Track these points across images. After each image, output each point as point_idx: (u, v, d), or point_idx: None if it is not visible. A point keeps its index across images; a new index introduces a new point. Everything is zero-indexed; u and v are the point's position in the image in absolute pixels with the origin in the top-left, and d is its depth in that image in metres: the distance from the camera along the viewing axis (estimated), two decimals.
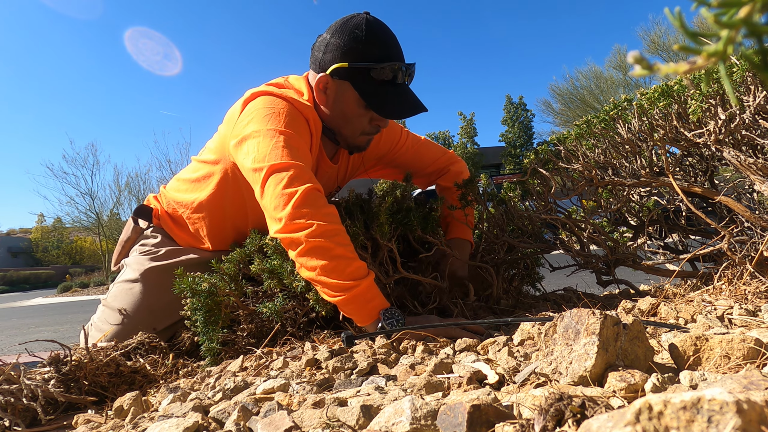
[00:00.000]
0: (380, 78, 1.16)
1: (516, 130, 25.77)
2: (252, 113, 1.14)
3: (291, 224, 0.97)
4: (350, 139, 1.28)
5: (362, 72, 1.16)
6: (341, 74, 1.17)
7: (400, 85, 1.19)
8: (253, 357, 0.97)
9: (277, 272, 1.08)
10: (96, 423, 0.71)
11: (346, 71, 1.16)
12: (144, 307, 1.31)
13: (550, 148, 1.35)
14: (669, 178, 1.05)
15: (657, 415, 0.27)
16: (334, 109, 1.22)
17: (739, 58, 0.95)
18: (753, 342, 0.54)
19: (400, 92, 1.19)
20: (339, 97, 1.20)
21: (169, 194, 1.44)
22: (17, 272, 22.63)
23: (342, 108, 1.21)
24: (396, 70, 1.17)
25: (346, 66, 1.15)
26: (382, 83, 1.17)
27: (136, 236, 1.48)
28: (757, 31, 0.22)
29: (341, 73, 1.17)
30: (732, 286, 0.94)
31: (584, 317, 0.56)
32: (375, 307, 0.98)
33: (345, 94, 1.19)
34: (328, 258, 0.96)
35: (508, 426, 0.42)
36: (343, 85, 1.18)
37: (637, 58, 0.23)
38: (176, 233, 1.43)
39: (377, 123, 1.25)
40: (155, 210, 1.46)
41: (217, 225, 1.38)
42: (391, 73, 1.17)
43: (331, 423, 0.52)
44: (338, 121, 1.24)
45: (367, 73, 1.16)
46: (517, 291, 1.40)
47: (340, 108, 1.21)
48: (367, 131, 1.26)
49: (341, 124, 1.25)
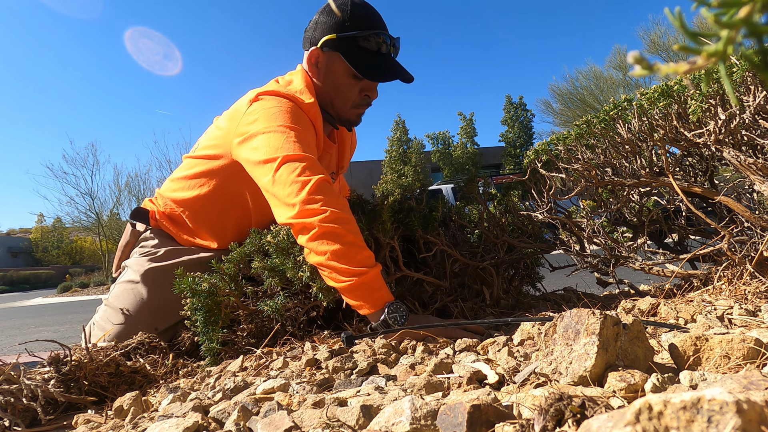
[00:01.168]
0: (367, 47, 1.25)
1: (516, 130, 25.76)
2: (258, 112, 1.17)
3: (305, 210, 0.99)
4: (342, 112, 1.34)
5: (350, 41, 1.25)
6: (331, 46, 1.26)
7: (386, 55, 1.28)
8: (253, 357, 0.97)
9: (279, 269, 1.08)
10: (96, 423, 0.71)
11: (334, 42, 1.25)
12: (145, 307, 1.31)
13: (549, 148, 1.35)
14: (669, 178, 1.05)
15: (657, 415, 0.27)
16: (326, 81, 1.30)
17: (739, 58, 0.95)
18: (753, 342, 0.54)
19: (385, 60, 1.28)
20: (330, 68, 1.28)
21: (166, 194, 1.43)
22: (17, 272, 22.63)
23: (333, 79, 1.29)
24: (380, 42, 1.26)
25: (335, 37, 1.25)
26: (369, 52, 1.26)
27: (135, 239, 1.48)
28: (757, 31, 0.22)
29: (330, 44, 1.25)
30: (732, 286, 0.94)
31: (584, 317, 0.56)
32: (381, 297, 0.99)
33: (335, 65, 1.28)
34: (341, 243, 0.97)
35: (508, 426, 0.42)
36: (333, 56, 1.27)
37: (637, 58, 0.23)
38: (175, 233, 1.43)
39: (366, 93, 1.32)
40: (151, 212, 1.46)
41: (218, 222, 1.38)
42: (376, 43, 1.26)
43: (331, 423, 0.52)
44: (330, 94, 1.31)
45: (355, 42, 1.25)
46: (517, 291, 1.40)
47: (331, 80, 1.29)
48: (358, 102, 1.33)
49: (333, 96, 1.32)
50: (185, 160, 1.44)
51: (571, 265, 1.33)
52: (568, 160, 1.22)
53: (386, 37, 1.27)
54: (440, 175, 24.60)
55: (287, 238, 1.09)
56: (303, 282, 1.05)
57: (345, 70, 1.27)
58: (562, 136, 1.33)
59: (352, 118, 1.37)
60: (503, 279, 1.34)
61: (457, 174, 23.26)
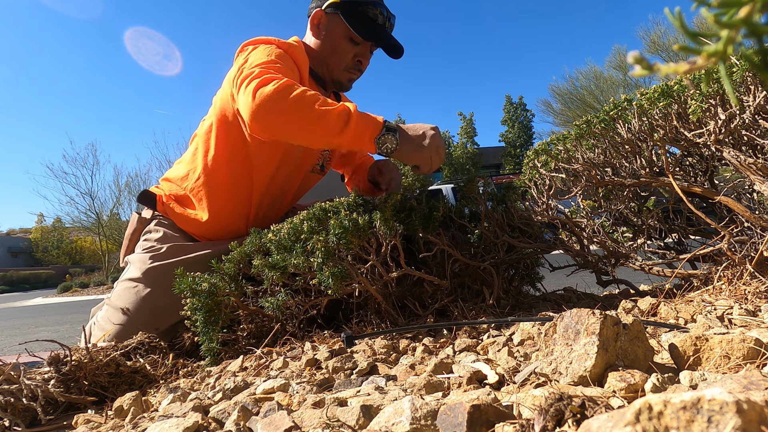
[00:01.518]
0: (366, 14, 1.40)
1: (516, 130, 25.75)
2: (247, 54, 1.29)
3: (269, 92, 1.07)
4: (335, 73, 1.46)
5: (351, 5, 1.39)
6: (333, 7, 1.40)
7: (381, 26, 1.43)
8: (253, 357, 0.97)
9: (281, 266, 1.07)
10: (96, 423, 0.71)
11: (337, 5, 1.40)
12: (146, 306, 1.30)
13: (549, 148, 1.35)
14: (669, 178, 1.05)
15: (657, 415, 0.27)
16: (325, 42, 1.44)
17: (739, 58, 0.95)
18: (753, 342, 0.54)
19: (381, 29, 1.43)
20: (330, 29, 1.42)
21: (171, 174, 1.51)
22: (17, 272, 22.62)
23: (332, 40, 1.43)
24: (378, 14, 1.41)
25: (338, 1, 1.39)
26: (367, 18, 1.40)
27: (142, 227, 1.49)
28: (757, 31, 0.22)
29: (333, 6, 1.40)
30: (732, 286, 0.94)
31: (584, 317, 0.56)
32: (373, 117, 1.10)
33: (335, 26, 1.41)
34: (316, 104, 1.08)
35: (508, 426, 0.42)
36: (334, 17, 1.41)
37: (637, 58, 0.23)
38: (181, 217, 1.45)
39: (359, 59, 1.46)
40: (159, 196, 1.48)
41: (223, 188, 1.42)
42: (374, 14, 1.41)
43: (331, 423, 0.52)
44: (326, 53, 1.44)
45: (355, 7, 1.39)
46: (517, 291, 1.40)
47: (330, 41, 1.43)
48: (350, 66, 1.46)
49: (329, 55, 1.44)
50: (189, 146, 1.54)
51: (571, 265, 1.33)
52: (568, 160, 1.22)
53: (384, 10, 1.42)
54: (440, 175, 24.60)
55: (288, 236, 1.09)
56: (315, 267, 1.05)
57: (343, 32, 1.40)
58: (562, 136, 1.33)
59: (344, 81, 1.49)
60: (503, 279, 1.34)
61: (457, 174, 23.25)
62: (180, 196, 1.47)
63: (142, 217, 1.50)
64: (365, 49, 1.45)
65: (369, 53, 1.48)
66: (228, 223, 1.46)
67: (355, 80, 1.51)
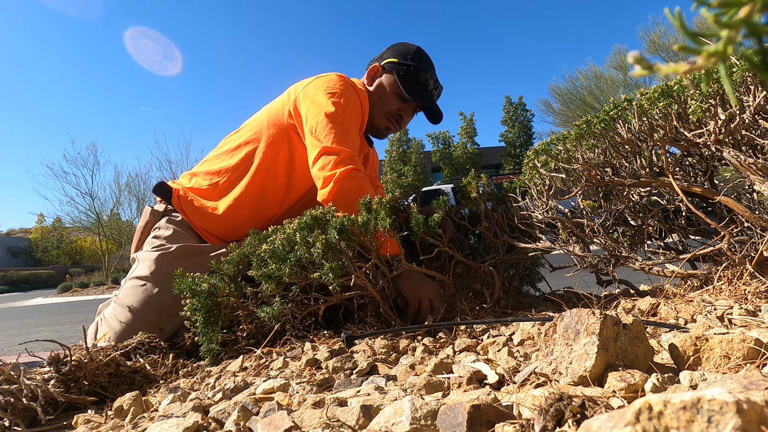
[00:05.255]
0: (417, 78, 1.56)
1: (516, 130, 25.74)
2: (321, 82, 1.45)
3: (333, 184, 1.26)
4: (376, 118, 1.60)
5: (406, 67, 1.56)
6: (390, 66, 1.58)
7: (429, 91, 1.59)
8: (253, 357, 0.97)
9: (275, 276, 1.08)
10: (96, 423, 0.71)
11: (394, 64, 1.57)
12: (153, 306, 1.30)
13: (549, 148, 1.35)
14: (669, 178, 1.05)
15: (657, 415, 0.27)
16: (375, 91, 1.59)
17: (739, 58, 0.95)
18: (753, 342, 0.54)
19: (427, 94, 1.59)
20: (382, 81, 1.59)
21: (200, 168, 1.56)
22: (17, 272, 22.61)
23: (381, 90, 1.58)
24: (428, 79, 1.57)
25: (396, 61, 1.57)
26: (418, 82, 1.56)
27: (155, 220, 1.51)
28: (757, 31, 0.22)
29: (390, 65, 1.58)
30: (732, 286, 0.94)
31: (584, 317, 0.56)
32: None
33: (388, 81, 1.58)
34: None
35: (508, 426, 0.42)
36: (389, 74, 1.58)
37: (637, 58, 0.23)
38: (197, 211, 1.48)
39: (401, 113, 1.60)
40: (175, 190, 1.49)
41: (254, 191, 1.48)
42: (425, 79, 1.57)
43: (331, 423, 0.52)
44: (374, 100, 1.58)
45: (409, 70, 1.56)
46: (517, 291, 1.40)
47: (380, 90, 1.59)
48: (392, 113, 1.60)
49: (375, 101, 1.58)
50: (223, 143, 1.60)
51: (571, 265, 1.33)
52: (568, 160, 1.22)
53: (434, 78, 1.59)
54: (440, 175, 24.60)
55: (282, 246, 1.09)
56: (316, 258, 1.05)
57: (394, 87, 1.57)
58: (562, 136, 1.33)
59: (381, 128, 1.62)
60: (503, 279, 1.34)
61: (457, 174, 23.25)
62: (203, 189, 1.50)
63: (155, 210, 1.52)
64: (409, 107, 1.60)
65: (412, 112, 1.63)
66: (244, 225, 1.47)
67: (391, 131, 1.65)
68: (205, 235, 1.48)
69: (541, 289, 1.46)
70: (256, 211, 1.49)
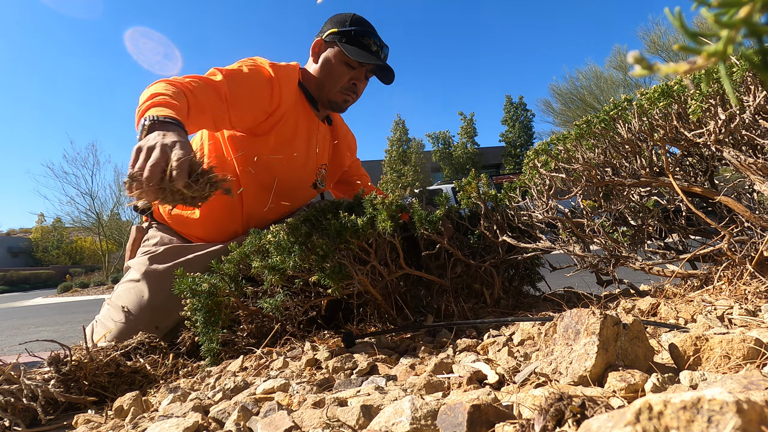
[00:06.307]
0: (361, 41, 1.52)
1: (516, 130, 25.74)
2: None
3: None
4: (330, 94, 1.56)
5: (347, 34, 1.52)
6: (331, 38, 1.53)
7: (375, 53, 1.54)
8: (253, 357, 0.97)
9: (280, 268, 1.07)
10: (96, 423, 0.71)
11: (335, 34, 1.53)
12: (146, 305, 1.31)
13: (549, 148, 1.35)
14: (669, 178, 1.05)
15: (657, 415, 0.27)
16: (322, 66, 1.55)
17: (739, 58, 0.95)
18: (753, 342, 0.54)
19: (374, 56, 1.54)
20: (327, 54, 1.55)
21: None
22: (17, 272, 22.61)
23: (328, 64, 1.54)
24: (372, 43, 1.53)
25: (336, 30, 1.53)
26: (362, 45, 1.52)
27: (141, 236, 1.54)
28: (757, 31, 0.22)
29: (331, 37, 1.53)
30: (732, 286, 0.94)
31: (584, 317, 0.56)
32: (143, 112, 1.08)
33: (333, 52, 1.54)
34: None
35: (508, 426, 0.42)
36: (332, 45, 1.54)
37: (637, 58, 0.23)
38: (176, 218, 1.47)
39: (354, 81, 1.56)
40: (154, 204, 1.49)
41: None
42: (368, 42, 1.53)
43: (331, 423, 0.52)
44: (323, 76, 1.55)
45: (351, 35, 1.52)
46: (517, 291, 1.40)
47: (327, 65, 1.54)
48: (346, 87, 1.56)
49: (325, 78, 1.55)
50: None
51: (571, 265, 1.33)
52: (568, 160, 1.22)
53: (377, 40, 1.55)
54: (440, 175, 24.59)
55: (287, 237, 1.09)
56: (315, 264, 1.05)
57: (340, 57, 1.52)
58: (562, 136, 1.33)
59: (339, 102, 1.57)
60: (503, 279, 1.34)
61: (457, 174, 23.25)
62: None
63: (140, 227, 1.55)
64: (360, 73, 1.57)
65: (364, 78, 1.60)
66: (220, 224, 1.47)
67: (351, 103, 1.61)
68: (192, 239, 1.51)
69: (541, 289, 1.46)
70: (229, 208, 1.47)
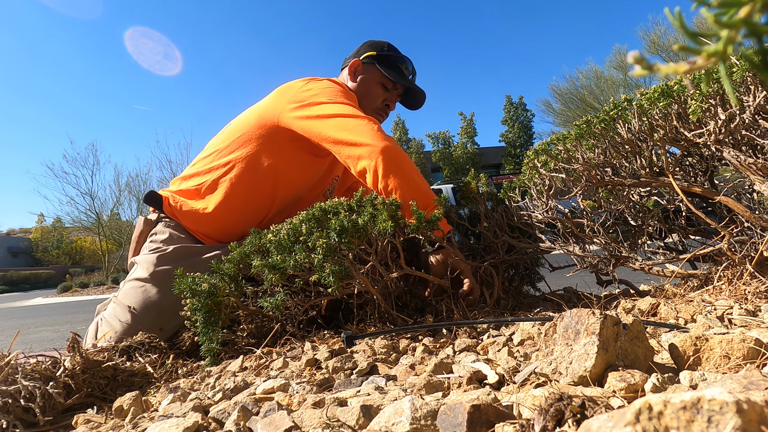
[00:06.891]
0: (398, 67, 1.68)
1: (516, 130, 25.75)
2: (317, 89, 1.44)
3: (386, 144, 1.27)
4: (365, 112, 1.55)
5: (385, 58, 1.68)
6: (370, 60, 1.68)
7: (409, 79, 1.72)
8: (253, 357, 0.97)
9: (280, 267, 1.07)
10: (96, 423, 0.71)
11: (374, 57, 1.68)
12: (153, 306, 1.31)
13: (549, 148, 1.35)
14: (669, 178, 1.05)
15: (657, 415, 0.27)
16: (360, 86, 1.67)
17: (739, 58, 0.95)
18: (753, 342, 0.54)
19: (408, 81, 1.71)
20: (365, 76, 1.68)
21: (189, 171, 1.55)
22: (17, 272, 22.60)
23: (366, 84, 1.67)
24: (405, 69, 1.71)
25: (375, 54, 1.68)
26: (398, 70, 1.69)
27: (149, 229, 1.51)
28: (757, 31, 0.22)
29: (370, 59, 1.68)
30: (732, 286, 0.94)
31: (584, 317, 0.56)
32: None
33: (371, 74, 1.67)
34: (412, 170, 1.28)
35: (508, 426, 0.42)
36: (370, 66, 1.68)
37: (637, 58, 0.23)
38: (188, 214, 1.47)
39: (387, 103, 1.70)
40: (166, 198, 1.49)
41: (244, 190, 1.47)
42: (404, 67, 1.70)
43: (331, 423, 0.52)
44: (360, 95, 1.65)
45: (389, 60, 1.68)
46: (517, 291, 1.40)
47: (364, 85, 1.67)
48: (379, 108, 1.69)
49: (362, 97, 1.65)
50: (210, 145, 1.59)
51: (571, 265, 1.33)
52: (568, 160, 1.22)
53: (410, 65, 1.73)
54: (440, 175, 24.59)
55: (288, 237, 1.09)
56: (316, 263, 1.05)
57: (378, 79, 1.66)
58: (562, 136, 1.33)
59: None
60: (503, 279, 1.34)
61: (457, 174, 23.24)
62: (190, 191, 1.49)
63: (148, 219, 1.52)
64: (393, 96, 1.71)
65: (395, 100, 1.74)
66: (235, 225, 1.47)
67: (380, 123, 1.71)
68: (201, 237, 1.49)
69: (541, 289, 1.46)
70: (245, 209, 1.48)
